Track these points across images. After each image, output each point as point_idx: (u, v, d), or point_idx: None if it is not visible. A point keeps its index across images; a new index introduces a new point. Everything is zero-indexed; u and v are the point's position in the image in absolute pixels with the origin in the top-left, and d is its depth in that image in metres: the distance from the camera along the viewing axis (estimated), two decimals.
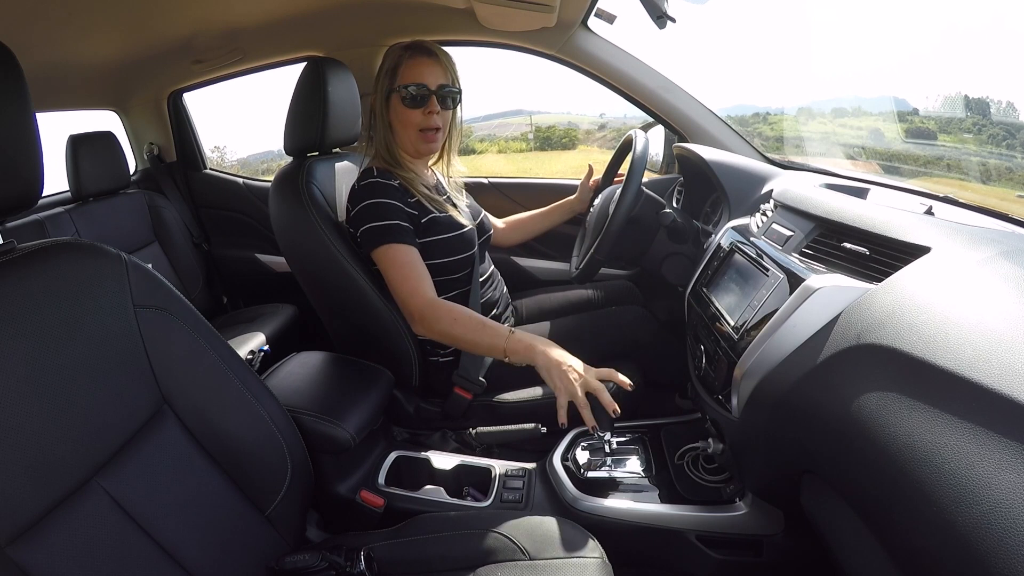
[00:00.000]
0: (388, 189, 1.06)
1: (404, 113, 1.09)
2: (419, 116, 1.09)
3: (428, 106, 1.09)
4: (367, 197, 1.05)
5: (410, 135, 1.11)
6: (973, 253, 0.56)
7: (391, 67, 1.08)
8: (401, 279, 1.04)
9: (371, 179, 1.07)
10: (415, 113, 1.09)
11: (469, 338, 0.99)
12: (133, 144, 2.13)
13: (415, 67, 1.07)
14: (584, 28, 1.47)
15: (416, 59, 1.08)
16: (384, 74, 1.09)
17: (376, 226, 1.04)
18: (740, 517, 0.89)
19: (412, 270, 1.04)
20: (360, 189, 1.07)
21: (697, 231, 1.24)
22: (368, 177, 1.07)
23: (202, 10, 1.42)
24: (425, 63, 1.08)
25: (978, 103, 1.06)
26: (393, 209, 1.05)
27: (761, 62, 9.79)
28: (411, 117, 1.09)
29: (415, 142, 1.12)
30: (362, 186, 1.07)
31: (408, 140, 1.12)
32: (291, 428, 0.80)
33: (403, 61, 1.08)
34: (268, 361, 1.50)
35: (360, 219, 1.06)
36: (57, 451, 0.56)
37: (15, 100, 0.55)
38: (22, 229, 1.55)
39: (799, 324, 0.65)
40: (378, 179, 1.07)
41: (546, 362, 0.89)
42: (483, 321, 1.01)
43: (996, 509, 0.37)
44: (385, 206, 1.05)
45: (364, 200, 1.05)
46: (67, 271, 0.61)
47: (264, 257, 2.03)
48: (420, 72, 1.07)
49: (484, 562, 0.73)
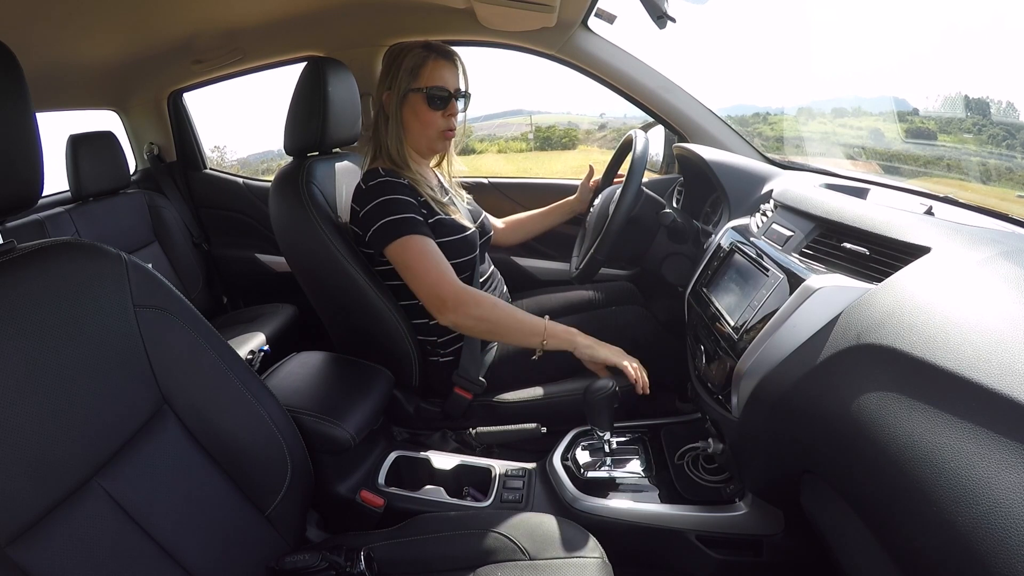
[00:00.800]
0: (399, 187, 1.06)
1: (427, 114, 1.10)
2: (440, 119, 1.11)
3: (449, 109, 1.11)
4: (378, 195, 1.05)
5: (429, 135, 1.12)
6: (973, 253, 0.56)
7: (413, 67, 1.08)
8: (425, 269, 1.03)
9: (380, 179, 1.06)
10: (437, 115, 1.10)
11: (506, 321, 1.04)
12: (133, 144, 2.13)
13: (440, 70, 1.08)
14: (584, 28, 1.47)
15: (440, 62, 1.09)
16: (403, 73, 1.08)
17: (391, 220, 1.03)
18: (740, 517, 0.89)
19: (436, 259, 1.04)
20: (369, 189, 1.06)
21: (697, 231, 1.24)
22: (375, 177, 1.07)
23: (202, 10, 1.42)
24: (448, 66, 1.10)
25: (978, 103, 1.06)
26: (406, 203, 1.05)
27: (761, 62, 9.79)
28: (434, 119, 1.10)
29: (433, 141, 1.13)
30: (370, 186, 1.06)
31: (425, 140, 1.13)
32: (291, 428, 0.80)
33: (427, 63, 1.08)
34: (268, 361, 1.50)
35: (371, 217, 1.05)
36: (57, 451, 0.56)
37: (15, 100, 0.55)
38: (22, 229, 1.55)
39: (799, 324, 0.65)
40: (387, 178, 1.06)
41: (588, 341, 1.05)
42: (515, 308, 1.07)
43: (996, 509, 0.37)
44: (398, 202, 1.04)
45: (375, 199, 1.04)
46: (67, 271, 0.61)
47: (264, 257, 2.03)
48: (443, 75, 1.09)
49: (484, 562, 0.73)
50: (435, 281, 1.03)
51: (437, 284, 1.03)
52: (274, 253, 2.00)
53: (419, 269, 1.03)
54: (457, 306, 1.02)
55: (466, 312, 1.02)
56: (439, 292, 1.03)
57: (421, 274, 1.04)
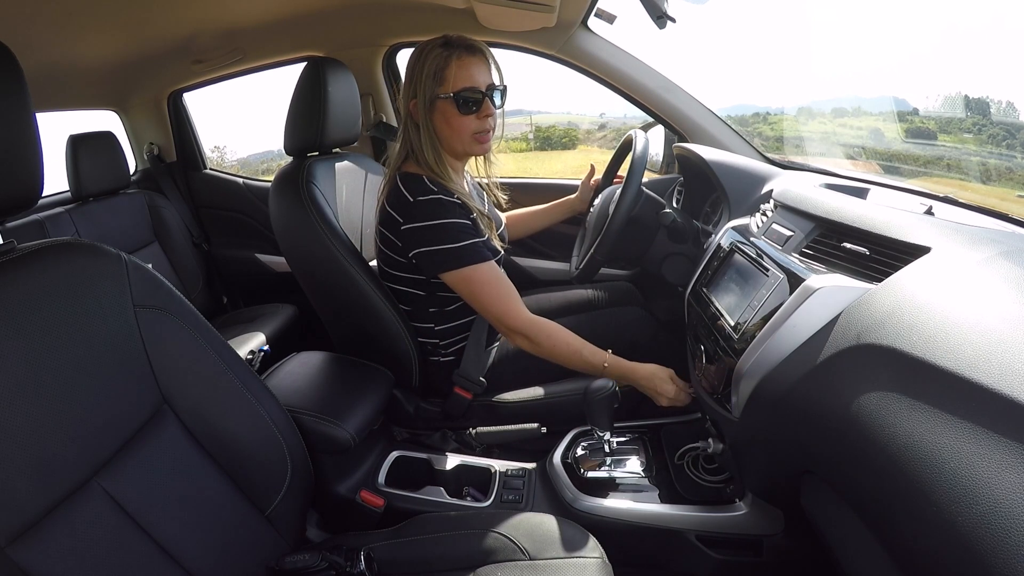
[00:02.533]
0: (452, 208, 1.01)
1: (458, 120, 1.02)
2: (474, 121, 1.02)
3: (483, 110, 1.02)
4: (431, 216, 0.99)
5: (463, 140, 1.04)
6: (973, 253, 0.56)
7: (435, 70, 0.99)
8: (494, 299, 1.03)
9: (431, 195, 1.00)
10: (469, 119, 1.02)
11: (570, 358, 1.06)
12: (133, 144, 2.14)
13: (465, 69, 0.99)
14: (584, 28, 1.47)
15: (464, 60, 0.99)
16: (426, 78, 1.00)
17: (452, 248, 1.00)
18: (740, 517, 0.89)
19: (502, 287, 1.04)
20: (419, 205, 0.99)
21: (697, 231, 1.23)
22: (424, 191, 1.00)
23: (202, 10, 1.42)
24: (473, 63, 1.00)
25: (978, 103, 1.06)
26: (463, 229, 1.01)
27: (761, 62, 9.79)
28: (466, 124, 1.02)
29: (468, 145, 1.05)
30: (421, 201, 0.99)
31: (460, 144, 1.05)
32: (291, 428, 0.80)
33: (450, 64, 0.99)
34: (268, 361, 1.50)
35: (423, 238, 1.00)
36: (57, 451, 0.56)
37: (15, 100, 0.55)
38: (22, 229, 1.55)
39: (799, 324, 0.65)
40: (440, 196, 1.00)
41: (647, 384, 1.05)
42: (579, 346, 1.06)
43: (996, 509, 0.37)
44: (455, 226, 1.00)
45: (428, 219, 0.99)
46: (67, 271, 0.61)
47: (264, 257, 2.03)
48: (470, 74, 0.99)
49: (484, 562, 0.73)
50: (504, 312, 1.03)
51: (506, 315, 1.03)
52: (274, 253, 2.01)
53: (486, 300, 1.04)
54: (528, 338, 1.04)
55: (535, 343, 1.04)
56: (508, 323, 1.04)
57: (488, 305, 1.04)
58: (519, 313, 1.04)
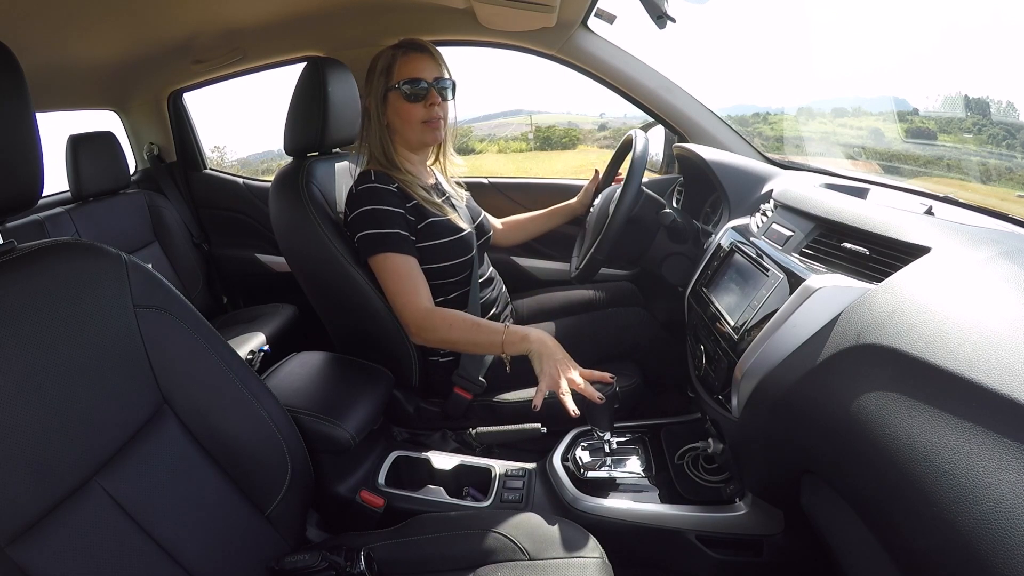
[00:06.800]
0: (386, 194, 1.06)
1: (406, 109, 1.09)
2: (421, 110, 1.09)
3: (429, 98, 1.09)
4: (364, 203, 1.05)
5: (414, 129, 1.11)
6: (973, 253, 0.56)
7: (385, 67, 1.09)
8: (397, 290, 1.05)
9: (369, 183, 1.06)
10: (417, 107, 1.09)
11: (467, 339, 1.03)
12: (133, 144, 2.14)
13: (410, 63, 1.08)
14: (584, 28, 1.47)
15: (409, 55, 1.09)
16: (378, 75, 1.10)
17: (373, 234, 1.04)
18: (740, 517, 0.89)
19: (408, 280, 1.05)
20: (357, 193, 1.06)
21: (697, 231, 1.23)
22: (365, 181, 1.07)
23: (202, 10, 1.42)
24: (419, 59, 1.09)
25: (978, 103, 1.06)
26: (391, 216, 1.05)
27: (761, 62, 9.79)
28: (413, 112, 1.09)
29: (420, 134, 1.12)
30: (359, 190, 1.06)
31: (412, 135, 1.12)
32: (291, 428, 0.80)
33: (396, 60, 1.08)
34: (268, 361, 1.50)
35: (357, 225, 1.06)
36: (57, 451, 0.56)
37: (15, 100, 0.55)
38: (22, 229, 1.55)
39: (799, 324, 0.65)
40: (376, 183, 1.06)
41: (539, 348, 0.95)
42: (477, 321, 1.04)
43: (996, 509, 0.37)
44: (383, 212, 1.04)
45: (361, 205, 1.05)
46: (67, 271, 0.61)
47: (264, 257, 2.03)
48: (415, 67, 1.08)
49: (484, 562, 0.73)
50: (403, 303, 1.05)
51: (404, 306, 1.05)
52: (274, 253, 2.00)
53: (391, 289, 1.05)
54: (420, 330, 1.04)
55: (428, 337, 1.05)
56: (404, 315, 1.05)
57: (391, 294, 1.06)
58: (417, 305, 1.04)
